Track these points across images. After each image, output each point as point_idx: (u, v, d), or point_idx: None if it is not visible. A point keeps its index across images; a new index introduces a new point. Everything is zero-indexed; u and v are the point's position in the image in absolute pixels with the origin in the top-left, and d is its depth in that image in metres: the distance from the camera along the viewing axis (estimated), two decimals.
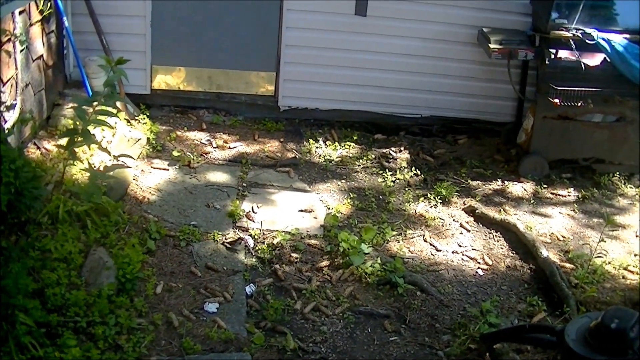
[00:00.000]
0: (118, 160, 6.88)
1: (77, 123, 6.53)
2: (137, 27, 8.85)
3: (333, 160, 8.60)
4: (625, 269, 7.14)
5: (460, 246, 7.27)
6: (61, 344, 5.14)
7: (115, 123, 7.69)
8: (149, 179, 7.66)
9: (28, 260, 5.61)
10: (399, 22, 9.06)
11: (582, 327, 5.09)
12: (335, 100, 9.39)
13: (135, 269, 6.02)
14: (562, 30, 8.17)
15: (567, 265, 7.08)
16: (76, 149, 6.55)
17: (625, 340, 4.80)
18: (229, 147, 8.60)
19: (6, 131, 6.50)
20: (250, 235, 6.99)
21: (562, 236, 7.59)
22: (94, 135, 6.58)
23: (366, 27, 9.05)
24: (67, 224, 6.22)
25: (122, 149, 7.62)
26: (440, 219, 7.67)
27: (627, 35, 8.19)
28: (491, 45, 8.48)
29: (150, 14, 8.81)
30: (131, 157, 7.31)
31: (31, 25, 7.42)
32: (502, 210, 7.88)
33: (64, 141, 6.55)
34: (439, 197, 7.97)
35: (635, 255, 7.40)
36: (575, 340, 5.00)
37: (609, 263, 7.15)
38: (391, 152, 8.90)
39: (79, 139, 6.42)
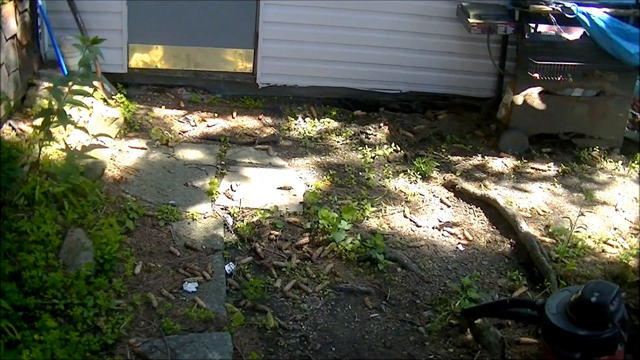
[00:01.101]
0: (96, 140, 6.81)
1: (53, 103, 6.45)
2: (113, 5, 8.75)
3: (312, 137, 8.57)
4: (605, 242, 7.16)
5: (440, 221, 7.25)
6: (39, 326, 5.08)
7: (92, 103, 7.64)
8: (126, 159, 7.60)
9: (4, 243, 5.56)
10: None
11: (563, 301, 5.10)
12: (314, 77, 9.34)
13: (114, 249, 5.97)
14: (542, 4, 8.16)
15: (548, 239, 7.08)
16: (52, 129, 6.46)
17: (605, 314, 4.81)
18: (208, 125, 8.54)
19: None
20: (229, 213, 6.95)
21: (543, 211, 7.59)
22: (70, 115, 6.51)
23: (345, 3, 8.99)
24: (43, 205, 6.16)
25: (99, 128, 7.56)
26: (420, 194, 7.65)
27: (607, 9, 8.18)
28: (470, 20, 8.44)
29: None
30: (109, 136, 7.25)
31: (3, 3, 7.30)
32: (482, 185, 7.87)
33: (39, 121, 6.46)
34: (418, 172, 7.95)
35: (615, 229, 7.42)
36: (556, 314, 5.01)
37: (589, 237, 7.16)
38: (370, 128, 8.86)
39: (55, 119, 6.34)
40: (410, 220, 7.22)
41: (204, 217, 6.85)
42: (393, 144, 8.47)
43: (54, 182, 6.40)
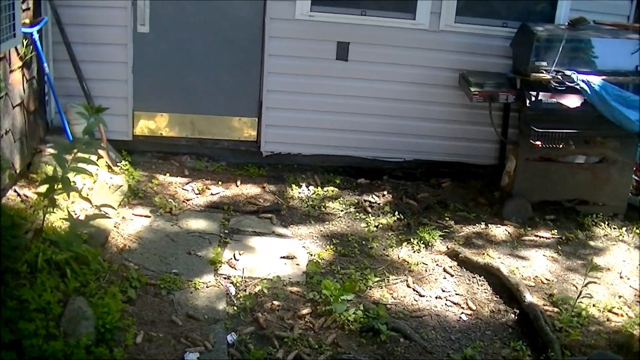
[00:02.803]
0: (99, 210, 6.82)
1: (57, 170, 6.48)
2: (118, 73, 8.85)
3: (316, 205, 8.57)
4: (609, 311, 7.11)
5: (443, 291, 7.22)
6: None
7: (96, 170, 7.66)
8: (130, 227, 7.61)
9: (5, 311, 5.54)
10: (380, 66, 9.11)
11: None
12: (318, 145, 9.39)
13: (115, 318, 5.93)
14: (542, 72, 8.21)
15: (551, 308, 7.04)
16: (56, 197, 6.49)
17: None
18: (211, 193, 8.56)
19: None
20: (232, 282, 6.92)
21: (546, 279, 7.56)
22: (74, 182, 6.52)
23: (348, 71, 9.09)
24: (45, 273, 6.12)
25: (103, 195, 7.58)
26: (424, 263, 7.63)
27: (606, 77, 8.24)
28: (472, 89, 8.52)
29: (131, 60, 8.83)
30: (112, 207, 7.24)
31: (12, 71, 7.39)
32: (485, 253, 7.84)
33: (43, 188, 6.49)
34: (422, 241, 7.94)
35: (620, 296, 7.38)
36: None
37: (594, 305, 7.12)
38: (374, 196, 8.87)
39: (59, 186, 6.37)
40: (414, 290, 7.18)
41: (207, 287, 6.82)
42: (396, 213, 8.48)
43: (57, 249, 6.38)
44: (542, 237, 8.36)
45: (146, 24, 8.76)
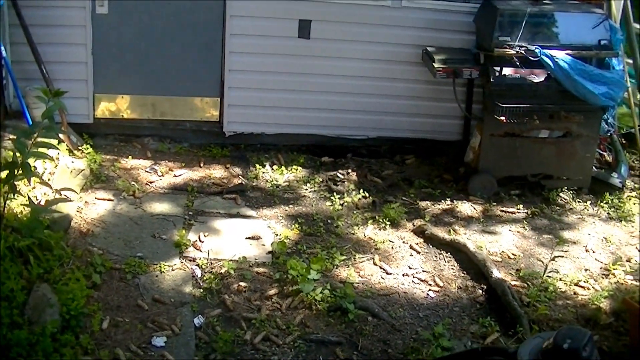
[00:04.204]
0: (60, 194, 6.73)
1: (17, 155, 6.38)
2: (78, 55, 8.72)
3: (280, 185, 8.52)
4: (576, 284, 7.18)
5: (410, 268, 7.22)
6: None
7: (57, 154, 7.57)
8: (93, 211, 7.52)
9: None
10: (343, 43, 9.04)
11: (535, 348, 5.04)
12: (281, 124, 9.32)
13: (80, 304, 5.87)
14: (506, 47, 8.21)
15: (519, 283, 7.07)
16: (17, 182, 6.40)
17: None
18: (175, 175, 8.48)
19: None
20: (198, 265, 6.87)
21: (513, 254, 7.58)
22: (34, 167, 6.44)
23: (310, 49, 9.02)
24: (8, 260, 6.04)
25: (64, 180, 7.49)
26: (390, 241, 7.61)
27: (569, 52, 8.25)
28: (436, 65, 8.50)
29: (91, 42, 8.69)
30: (74, 191, 7.16)
31: None
32: (452, 230, 7.84)
33: (3, 174, 6.40)
34: (387, 219, 7.91)
35: (586, 270, 7.43)
36: None
37: (560, 280, 7.17)
38: (339, 174, 8.84)
39: (19, 172, 6.27)
40: (380, 268, 7.17)
41: (172, 270, 6.77)
42: (361, 191, 8.45)
43: (19, 236, 6.30)
44: (508, 212, 8.38)
45: (105, 5, 8.63)
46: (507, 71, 8.40)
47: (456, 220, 8.12)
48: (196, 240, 7.24)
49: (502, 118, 8.28)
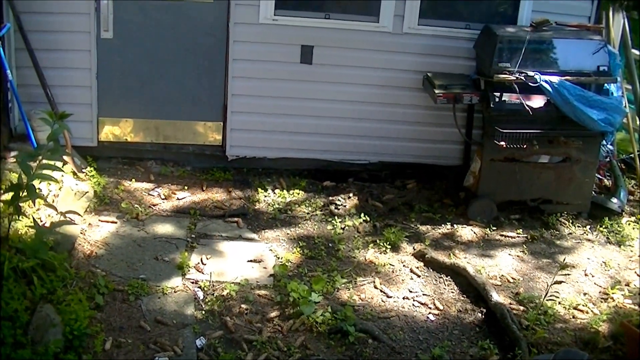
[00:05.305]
0: (64, 217, 6.79)
1: (22, 177, 6.45)
2: (82, 79, 8.80)
3: (282, 208, 8.58)
4: (575, 308, 7.21)
5: (411, 292, 7.26)
6: None
7: (62, 176, 7.63)
8: (96, 233, 7.58)
9: None
10: (345, 69, 9.12)
11: None
12: (283, 148, 9.39)
13: (83, 325, 5.91)
14: (506, 73, 8.27)
15: (518, 307, 7.11)
16: (21, 204, 6.45)
17: None
18: (177, 198, 8.54)
19: None
20: (200, 287, 6.92)
21: (512, 278, 7.62)
22: (39, 189, 6.50)
23: (312, 74, 9.10)
24: (12, 281, 6.09)
25: (68, 202, 7.55)
26: (390, 265, 7.66)
27: (568, 77, 8.31)
28: (436, 90, 8.56)
29: (95, 66, 8.78)
30: (77, 214, 7.21)
31: None
32: (451, 254, 7.89)
33: (8, 196, 6.46)
34: (388, 243, 7.97)
35: (585, 294, 7.47)
36: None
37: (560, 303, 7.20)
38: (340, 198, 8.89)
39: (24, 193, 6.34)
40: (381, 291, 7.22)
41: (175, 291, 6.81)
42: (362, 215, 8.51)
43: (23, 257, 6.36)
44: (508, 236, 8.43)
45: (110, 30, 8.72)
46: (507, 97, 8.45)
47: (456, 244, 8.17)
48: (198, 263, 7.29)
49: (502, 143, 8.34)
